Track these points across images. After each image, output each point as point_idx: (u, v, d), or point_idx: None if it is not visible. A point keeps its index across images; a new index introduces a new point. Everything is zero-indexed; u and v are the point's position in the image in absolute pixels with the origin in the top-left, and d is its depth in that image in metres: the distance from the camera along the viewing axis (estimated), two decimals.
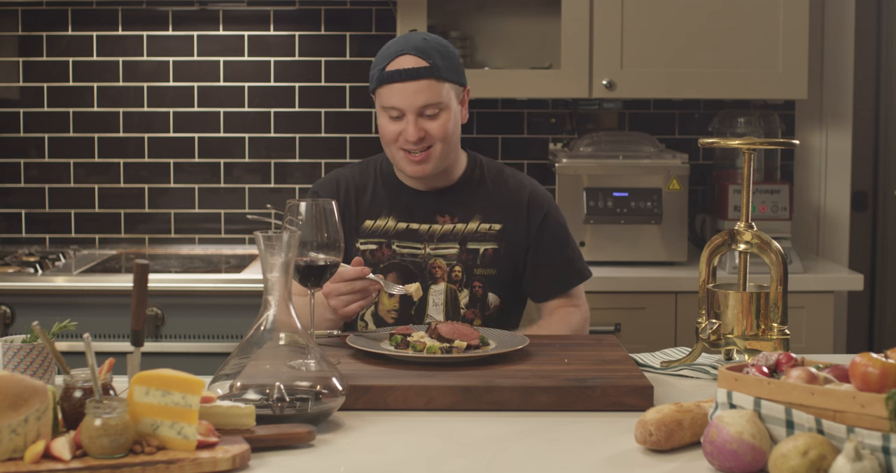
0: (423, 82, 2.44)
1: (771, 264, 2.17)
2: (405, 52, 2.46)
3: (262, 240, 1.82)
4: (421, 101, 2.45)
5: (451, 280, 2.56)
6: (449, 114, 2.48)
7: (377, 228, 2.58)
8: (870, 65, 4.52)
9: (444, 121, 2.47)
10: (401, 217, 2.58)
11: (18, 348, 1.94)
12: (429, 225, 2.57)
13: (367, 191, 2.61)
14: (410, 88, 2.44)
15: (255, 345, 1.84)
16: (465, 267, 2.56)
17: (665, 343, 3.45)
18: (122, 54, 3.97)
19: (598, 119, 4.06)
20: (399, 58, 2.46)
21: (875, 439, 1.50)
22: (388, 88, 2.46)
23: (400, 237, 2.57)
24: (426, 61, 2.45)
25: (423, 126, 2.46)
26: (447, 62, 2.48)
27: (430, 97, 2.45)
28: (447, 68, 2.47)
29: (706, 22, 3.68)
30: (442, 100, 2.46)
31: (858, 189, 4.52)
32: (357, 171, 2.65)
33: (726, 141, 2.22)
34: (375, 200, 2.60)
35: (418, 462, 1.70)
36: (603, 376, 2.03)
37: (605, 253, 3.62)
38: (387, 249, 2.57)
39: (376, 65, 2.50)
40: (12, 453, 1.58)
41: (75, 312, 3.15)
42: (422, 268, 2.56)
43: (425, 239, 2.57)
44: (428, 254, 2.56)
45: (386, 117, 2.49)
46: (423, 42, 2.48)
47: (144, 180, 4.00)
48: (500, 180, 2.63)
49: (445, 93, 2.47)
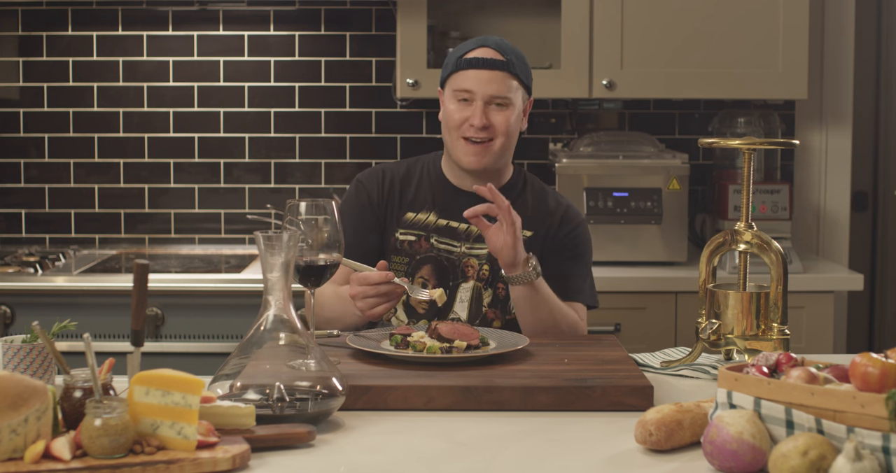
0: (497, 73, 2.53)
1: (771, 264, 2.17)
2: (486, 45, 2.57)
3: (262, 240, 1.82)
4: (492, 90, 2.53)
5: (479, 278, 2.60)
6: (513, 112, 2.56)
7: (418, 221, 2.63)
8: (870, 65, 4.52)
9: (508, 115, 2.55)
10: (442, 213, 2.63)
11: (18, 348, 1.94)
12: (467, 225, 2.61)
13: (412, 184, 2.66)
14: (485, 76, 2.53)
15: (255, 345, 1.84)
16: (492, 267, 2.60)
17: (665, 343, 3.45)
18: (122, 54, 3.97)
19: (598, 119, 4.06)
20: (479, 49, 2.57)
21: (875, 439, 1.50)
22: (463, 74, 2.55)
23: (439, 233, 2.62)
24: (503, 56, 2.55)
25: (489, 115, 2.54)
26: (522, 64, 2.58)
27: (501, 88, 2.53)
28: (521, 68, 2.57)
29: (706, 22, 3.68)
30: (511, 95, 2.55)
31: (858, 189, 4.52)
32: (404, 166, 2.71)
33: (726, 141, 2.23)
34: (419, 194, 2.65)
35: (418, 462, 1.70)
36: (603, 376, 2.03)
37: (605, 253, 3.62)
38: (425, 242, 2.61)
39: (452, 55, 2.60)
40: (12, 453, 1.58)
41: (75, 312, 3.15)
42: (455, 266, 2.60)
43: (462, 239, 2.61)
44: (463, 253, 2.61)
45: (455, 102, 2.56)
46: (501, 41, 2.59)
47: (144, 180, 4.00)
48: (541, 195, 2.69)
49: (514, 90, 2.56)
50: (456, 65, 2.57)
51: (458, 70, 2.56)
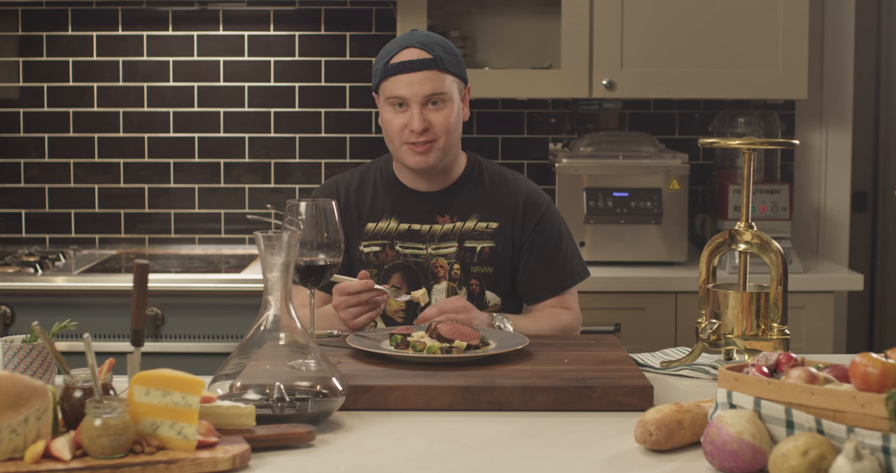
0: (427, 73, 2.48)
1: (771, 264, 2.17)
2: (409, 45, 2.51)
3: (262, 240, 1.82)
4: (426, 91, 2.48)
5: (451, 278, 2.58)
6: (452, 107, 2.52)
7: (379, 230, 2.60)
8: (870, 65, 4.52)
9: (447, 114, 2.51)
10: (402, 218, 2.60)
11: (18, 348, 1.94)
12: (430, 225, 2.59)
13: (368, 193, 2.64)
14: (415, 79, 2.48)
15: (255, 345, 1.84)
16: (462, 264, 2.58)
17: (665, 343, 3.45)
18: (122, 54, 3.97)
19: (598, 119, 4.06)
20: (403, 51, 2.51)
21: (875, 439, 1.50)
22: (392, 80, 2.50)
23: (402, 238, 2.59)
24: (430, 53, 2.49)
25: (427, 117, 2.50)
26: (450, 56, 2.52)
27: (434, 87, 2.49)
28: (450, 61, 2.52)
29: (706, 22, 3.68)
30: (445, 91, 2.50)
31: (858, 189, 4.52)
32: (357, 175, 2.68)
33: (726, 141, 2.22)
34: (377, 203, 2.62)
35: (418, 462, 1.70)
36: (603, 376, 2.03)
37: (605, 253, 3.62)
38: (390, 250, 2.59)
39: (379, 60, 2.54)
40: (12, 453, 1.58)
41: (75, 312, 3.15)
42: (424, 268, 2.58)
43: (427, 240, 2.59)
44: (430, 254, 2.58)
45: (390, 110, 2.52)
46: (425, 37, 2.53)
47: (144, 180, 4.00)
48: (499, 181, 2.65)
49: (448, 85, 2.51)
50: (384, 71, 2.50)
51: (387, 76, 2.50)
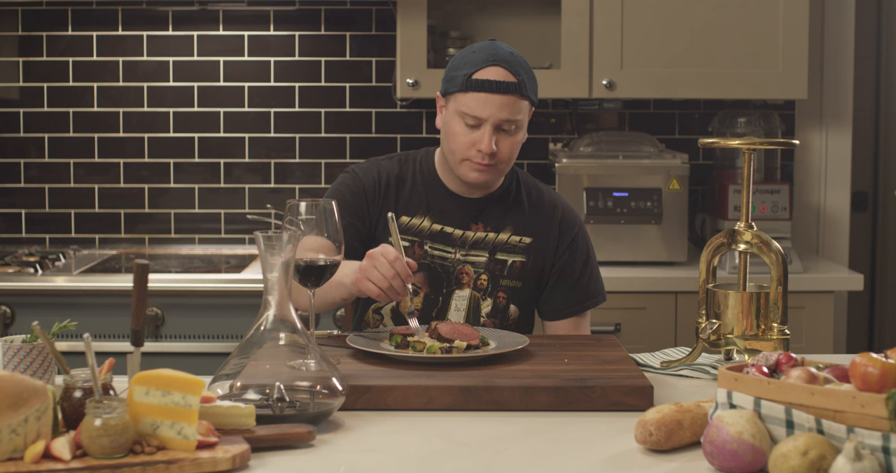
0: (509, 97, 2.42)
1: (771, 264, 2.17)
2: (496, 63, 2.43)
3: (262, 240, 1.82)
4: (504, 116, 2.42)
5: (475, 287, 2.54)
6: (521, 134, 2.47)
7: (412, 226, 2.55)
8: (870, 65, 4.52)
9: (515, 141, 2.46)
10: (436, 219, 2.56)
11: (18, 348, 1.94)
12: (462, 230, 2.55)
13: (406, 186, 2.58)
14: (496, 101, 2.41)
15: (255, 345, 1.84)
16: (491, 276, 2.55)
17: (665, 343, 3.45)
18: (122, 54, 3.97)
19: (598, 119, 4.06)
20: (488, 68, 2.43)
21: (875, 439, 1.50)
22: (472, 96, 2.43)
23: (433, 238, 2.55)
24: (515, 77, 2.43)
25: (497, 140, 2.43)
26: (531, 81, 2.46)
27: (511, 113, 2.42)
28: (530, 87, 2.46)
29: (706, 22, 3.68)
30: (520, 118, 2.45)
31: (858, 189, 4.53)
32: (396, 165, 2.61)
33: (726, 141, 2.22)
34: (413, 197, 2.57)
35: (418, 462, 1.70)
36: (603, 376, 2.03)
37: (605, 253, 3.62)
38: (418, 249, 2.54)
39: (459, 68, 2.46)
40: (12, 453, 1.58)
41: (75, 312, 3.16)
42: (449, 273, 2.54)
43: (457, 245, 2.55)
44: (458, 260, 2.54)
45: (461, 124, 2.45)
46: (510, 56, 2.45)
47: (144, 180, 4.00)
48: (536, 196, 2.62)
49: (524, 111, 2.46)
50: (465, 84, 2.42)
51: (466, 90, 2.43)
